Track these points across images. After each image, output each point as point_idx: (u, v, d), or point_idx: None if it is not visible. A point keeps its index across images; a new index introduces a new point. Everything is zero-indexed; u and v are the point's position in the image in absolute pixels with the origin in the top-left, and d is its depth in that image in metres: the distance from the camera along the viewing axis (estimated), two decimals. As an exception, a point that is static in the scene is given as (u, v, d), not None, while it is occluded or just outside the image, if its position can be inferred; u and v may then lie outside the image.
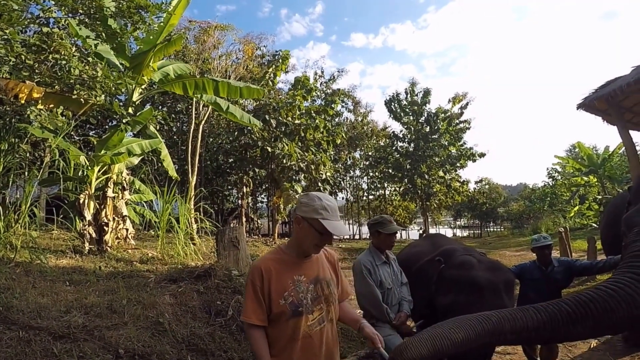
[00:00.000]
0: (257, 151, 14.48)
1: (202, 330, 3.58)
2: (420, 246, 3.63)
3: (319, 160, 15.79)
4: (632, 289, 1.66)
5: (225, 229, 6.23)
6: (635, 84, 6.60)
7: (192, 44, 12.70)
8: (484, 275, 2.67)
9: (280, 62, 14.02)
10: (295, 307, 1.64)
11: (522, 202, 27.53)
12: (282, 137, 14.27)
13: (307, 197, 1.69)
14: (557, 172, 24.05)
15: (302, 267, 1.72)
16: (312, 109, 15.85)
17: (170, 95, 12.73)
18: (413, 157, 21.95)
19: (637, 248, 1.86)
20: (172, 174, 7.33)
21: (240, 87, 6.00)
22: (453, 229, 32.48)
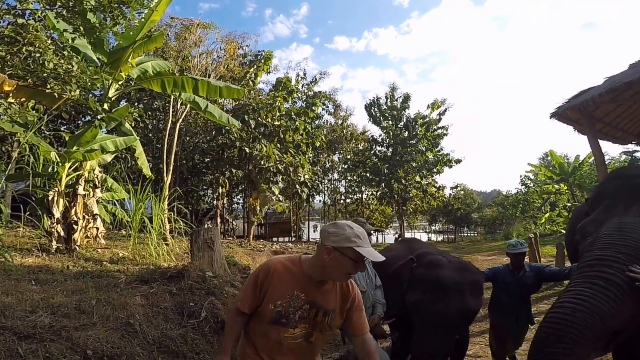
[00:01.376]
0: (234, 151, 14.34)
1: (174, 332, 3.53)
2: (396, 250, 3.71)
3: (298, 162, 15.81)
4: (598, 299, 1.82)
5: (200, 230, 6.17)
6: (606, 95, 6.85)
7: (173, 41, 12.48)
8: (450, 274, 2.75)
9: (262, 63, 13.98)
10: (280, 316, 1.66)
11: (496, 208, 28.50)
12: (261, 138, 14.21)
13: (335, 226, 1.67)
14: (530, 180, 25.02)
15: (308, 286, 1.70)
16: (292, 110, 15.86)
17: (148, 92, 12.45)
18: (391, 162, 22.32)
19: (590, 257, 2.07)
20: (147, 172, 7.18)
21: (220, 87, 5.95)
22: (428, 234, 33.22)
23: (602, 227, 2.22)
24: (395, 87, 23.17)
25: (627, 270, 1.89)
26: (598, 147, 7.94)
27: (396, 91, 22.96)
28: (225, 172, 14.50)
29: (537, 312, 3.97)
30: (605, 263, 1.96)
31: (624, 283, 1.86)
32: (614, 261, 1.94)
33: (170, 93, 6.05)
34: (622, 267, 1.91)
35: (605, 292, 1.84)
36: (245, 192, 20.62)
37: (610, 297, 1.83)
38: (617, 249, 2.00)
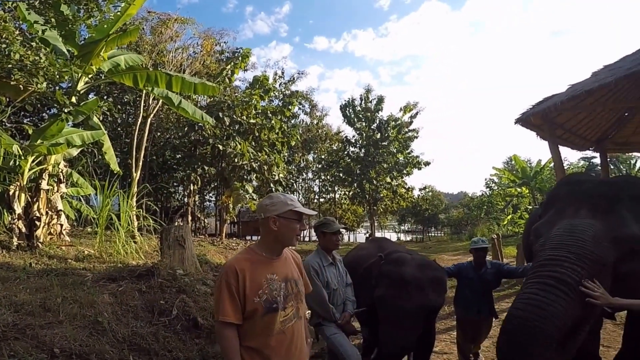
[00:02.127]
0: (207, 148, 14.08)
1: (145, 330, 3.51)
2: (367, 249, 3.79)
3: (273, 161, 15.75)
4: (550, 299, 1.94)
5: (171, 228, 6.09)
6: (568, 102, 7.13)
7: (148, 35, 12.10)
8: (412, 271, 2.87)
9: (239, 60, 13.79)
10: (269, 304, 1.68)
11: (462, 209, 29.53)
12: (235, 136, 14.03)
13: (270, 198, 1.82)
14: (494, 183, 25.97)
15: (274, 266, 1.79)
16: (268, 109, 15.75)
17: (118, 86, 12.01)
18: (363, 163, 22.64)
19: (542, 257, 2.21)
20: (114, 167, 6.97)
21: (195, 83, 5.88)
22: (397, 233, 33.97)
23: (554, 228, 2.36)
24: (370, 89, 23.50)
25: (579, 269, 2.01)
26: (558, 153, 8.37)
27: (371, 93, 23.27)
28: (197, 169, 14.21)
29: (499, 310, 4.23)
30: (556, 263, 2.08)
31: (575, 282, 1.97)
32: (565, 261, 2.07)
33: (142, 88, 5.91)
34: (572, 266, 2.03)
35: (556, 292, 1.96)
36: (217, 189, 20.29)
37: (561, 297, 1.94)
38: (567, 249, 2.13)
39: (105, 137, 6.27)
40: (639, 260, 2.15)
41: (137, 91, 11.23)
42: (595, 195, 2.42)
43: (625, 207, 2.31)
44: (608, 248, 2.14)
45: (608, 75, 6.75)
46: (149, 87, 5.77)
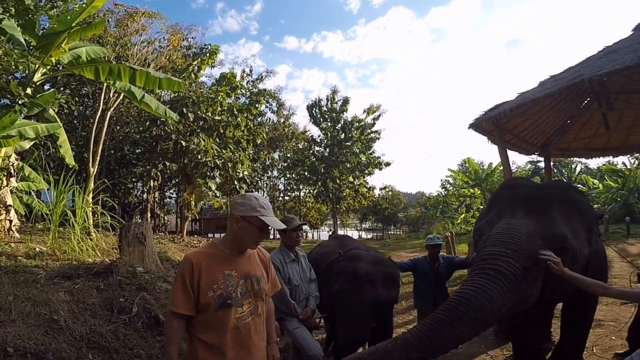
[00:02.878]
0: (169, 144, 13.68)
1: (104, 328, 3.47)
2: (329, 246, 3.91)
3: (237, 158, 15.60)
4: (488, 287, 2.15)
5: (131, 224, 5.95)
6: (516, 109, 7.49)
7: (113, 28, 11.54)
8: (365, 267, 3.02)
9: (207, 56, 13.51)
10: (223, 299, 1.68)
11: (419, 208, 30.70)
12: (199, 132, 13.75)
13: (242, 197, 1.80)
14: (449, 184, 27.33)
15: (234, 262, 1.79)
16: (235, 106, 15.55)
17: (77, 77, 11.36)
18: (327, 162, 22.98)
19: (484, 252, 2.44)
20: (70, 161, 6.67)
21: (160, 78, 5.76)
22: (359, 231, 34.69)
23: (494, 227, 2.59)
24: (336, 91, 23.92)
25: (514, 263, 2.24)
26: (506, 157, 8.94)
27: (337, 94, 23.71)
28: (158, 165, 13.77)
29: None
30: (495, 257, 2.30)
31: (510, 273, 2.20)
32: (502, 255, 2.28)
33: (103, 81, 5.69)
34: (509, 260, 2.25)
35: (495, 281, 2.17)
36: (179, 186, 19.74)
37: (499, 285, 2.16)
38: (504, 246, 2.35)
39: (61, 130, 5.98)
40: (567, 257, 2.42)
41: (97, 84, 10.71)
42: (530, 198, 2.70)
43: (555, 209, 2.60)
44: (540, 245, 2.38)
45: (553, 85, 7.37)
46: (110, 80, 5.57)
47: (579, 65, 7.79)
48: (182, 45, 13.86)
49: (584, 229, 2.65)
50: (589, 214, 2.74)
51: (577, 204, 2.74)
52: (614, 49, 7.54)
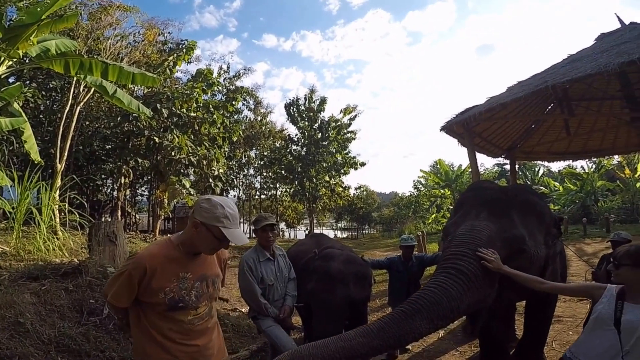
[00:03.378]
0: (142, 140, 13.28)
1: (73, 331, 3.39)
2: (306, 244, 3.96)
3: (212, 156, 15.37)
4: (448, 285, 2.25)
5: (101, 223, 5.79)
6: (485, 113, 7.68)
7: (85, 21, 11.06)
8: (337, 266, 3.07)
9: (183, 52, 13.19)
10: (175, 302, 1.63)
11: (392, 208, 31.29)
12: (173, 129, 13.42)
13: (208, 202, 1.66)
14: (421, 184, 28.02)
15: (190, 264, 1.71)
16: (211, 103, 15.28)
17: (44, 71, 10.82)
18: (304, 161, 23.01)
19: (448, 252, 2.53)
20: (35, 157, 6.38)
21: (133, 73, 5.61)
22: (335, 230, 34.95)
23: (459, 228, 2.68)
24: (314, 90, 23.96)
25: (474, 262, 2.30)
26: (475, 159, 9.26)
27: (315, 94, 23.75)
28: (130, 162, 13.34)
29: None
30: (457, 257, 2.38)
31: (470, 273, 2.28)
32: (464, 255, 2.36)
33: (74, 75, 5.48)
34: (470, 260, 2.32)
35: (455, 279, 2.25)
36: (151, 183, 19.22)
37: (459, 283, 2.23)
38: (467, 246, 2.42)
39: (27, 125, 5.71)
40: (525, 258, 2.56)
41: (66, 78, 10.25)
42: (493, 201, 2.82)
43: (515, 212, 2.72)
44: (499, 247, 2.48)
45: (520, 91, 7.70)
46: (81, 74, 5.36)
47: (544, 72, 8.22)
48: (158, 40, 13.49)
49: (541, 231, 2.78)
50: (547, 217, 2.88)
51: (536, 207, 2.87)
52: (577, 58, 8.01)
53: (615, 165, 19.62)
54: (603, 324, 1.88)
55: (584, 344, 1.98)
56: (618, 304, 1.86)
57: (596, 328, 1.92)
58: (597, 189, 18.94)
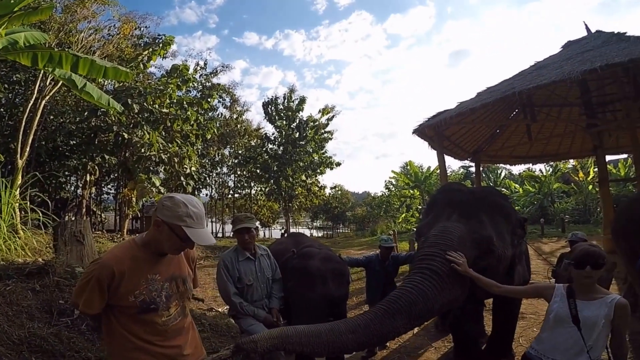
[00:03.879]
0: (110, 136, 12.77)
1: (44, 331, 3.31)
2: (284, 243, 3.98)
3: (185, 153, 15.03)
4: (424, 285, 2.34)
5: (67, 222, 5.62)
6: (455, 117, 8.17)
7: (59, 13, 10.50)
8: (315, 264, 3.13)
9: (160, 47, 12.79)
10: (146, 304, 1.59)
11: (365, 207, 31.79)
12: (144, 125, 13.00)
13: (170, 200, 1.60)
14: (392, 185, 28.67)
15: (157, 265, 1.67)
16: (185, 99, 14.92)
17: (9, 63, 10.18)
18: (281, 160, 22.95)
19: (422, 252, 2.65)
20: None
21: (105, 67, 5.43)
22: (310, 230, 35.03)
23: (432, 229, 2.80)
24: (294, 89, 23.95)
25: (447, 263, 2.41)
26: (443, 161, 9.68)
27: (294, 93, 23.71)
28: (96, 158, 12.79)
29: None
30: (431, 257, 2.50)
31: (443, 273, 2.40)
32: (437, 256, 2.48)
33: (42, 68, 5.23)
34: (443, 260, 2.44)
35: (430, 280, 2.37)
36: (118, 181, 18.50)
37: (433, 284, 2.35)
38: (439, 247, 2.54)
39: (-13, 119, 5.41)
40: (493, 257, 2.73)
41: (31, 70, 9.68)
42: (463, 202, 2.96)
43: (484, 214, 2.87)
44: (469, 247, 2.62)
45: (488, 96, 8.11)
46: (50, 67, 5.13)
47: (512, 79, 8.70)
48: (134, 34, 13.05)
49: (508, 232, 2.94)
50: (512, 218, 3.05)
51: (503, 209, 3.04)
52: (543, 65, 8.53)
53: (570, 169, 20.91)
54: (563, 322, 1.97)
55: (548, 341, 2.04)
56: (570, 302, 1.97)
57: (557, 326, 2.00)
58: (553, 191, 20.14)
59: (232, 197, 29.18)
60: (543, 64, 8.77)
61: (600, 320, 1.88)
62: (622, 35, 7.83)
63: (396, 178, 26.22)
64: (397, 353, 4.04)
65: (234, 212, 29.95)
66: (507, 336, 3.51)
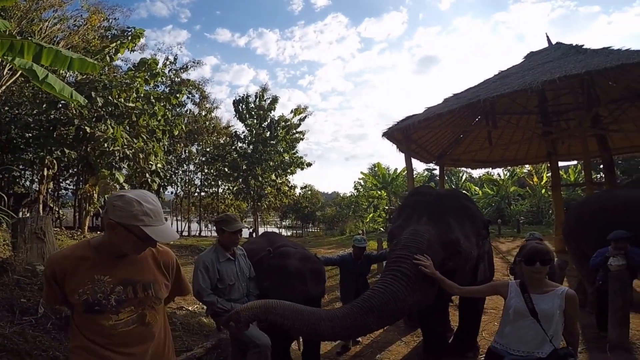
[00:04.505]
0: (70, 130, 12.13)
1: (7, 330, 3.19)
2: (257, 243, 3.94)
3: (150, 149, 14.57)
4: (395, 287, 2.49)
5: (27, 219, 5.39)
6: (423, 122, 8.47)
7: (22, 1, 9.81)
8: (294, 264, 3.17)
9: (128, 40, 12.30)
10: (89, 304, 1.48)
11: (335, 207, 32.16)
12: (108, 119, 12.47)
13: (121, 199, 1.47)
14: (361, 186, 29.18)
15: (110, 267, 1.54)
16: (152, 94, 14.44)
17: None
18: (250, 159, 22.75)
19: (394, 255, 2.78)
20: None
21: (71, 58, 5.19)
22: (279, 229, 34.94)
23: (403, 232, 2.90)
24: (266, 89, 23.79)
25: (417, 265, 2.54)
26: (410, 164, 10.03)
27: (266, 92, 23.60)
28: (55, 152, 12.12)
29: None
30: (401, 260, 2.61)
31: (412, 274, 2.52)
32: (407, 258, 2.59)
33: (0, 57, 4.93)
34: (413, 263, 2.56)
35: (401, 282, 2.49)
36: (78, 176, 17.61)
37: (403, 285, 2.48)
38: (409, 250, 2.66)
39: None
40: (460, 258, 2.91)
41: None
42: (432, 206, 3.11)
43: (452, 217, 3.03)
44: (438, 249, 2.75)
45: (455, 103, 8.48)
46: (9, 56, 4.86)
47: (477, 87, 9.16)
48: (102, 26, 12.49)
49: (474, 233, 3.13)
50: (477, 220, 3.25)
51: (469, 211, 3.23)
52: (506, 74, 9.03)
53: (525, 173, 22.34)
54: (522, 316, 2.08)
55: (511, 335, 2.14)
56: (526, 297, 2.09)
57: (517, 320, 2.10)
58: (510, 194, 21.43)
59: (199, 195, 28.51)
60: (506, 73, 9.26)
61: (556, 311, 2.02)
62: (580, 47, 8.39)
63: (365, 179, 26.75)
64: (370, 348, 4.20)
65: (200, 211, 29.34)
66: (473, 330, 3.75)
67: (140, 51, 16.47)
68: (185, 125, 19.50)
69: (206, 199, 28.71)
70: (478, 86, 9.25)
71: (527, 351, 2.07)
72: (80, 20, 11.74)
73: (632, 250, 3.80)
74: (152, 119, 14.22)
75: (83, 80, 12.08)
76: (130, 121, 13.57)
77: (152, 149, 14.58)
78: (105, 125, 12.51)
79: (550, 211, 17.94)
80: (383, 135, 9.65)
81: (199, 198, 28.83)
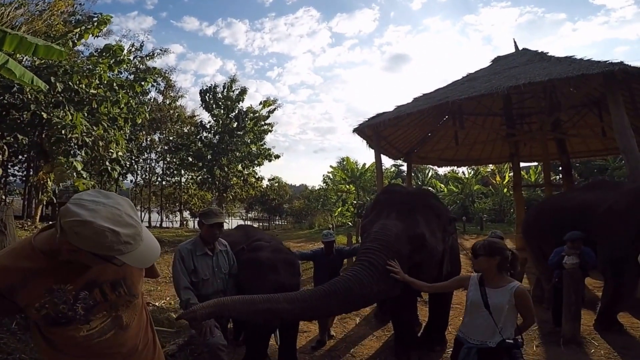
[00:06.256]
0: (26, 115, 11.27)
1: (-35, 332, 3.01)
2: (234, 236, 3.96)
3: (111, 137, 13.87)
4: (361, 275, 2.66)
5: (-16, 210, 4.97)
6: (393, 120, 8.73)
7: None
8: (266, 255, 3.24)
9: (94, 25, 11.48)
10: (51, 319, 1.25)
11: (303, 200, 32.20)
12: (67, 105, 11.69)
13: (87, 228, 1.09)
14: (330, 179, 29.47)
15: (68, 272, 1.27)
16: (116, 81, 13.68)
17: None
18: (216, 149, 22.26)
19: (365, 247, 2.95)
20: None
21: (37, 44, 4.87)
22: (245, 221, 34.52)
23: (374, 226, 3.09)
24: (235, 79, 23.28)
25: (384, 257, 2.71)
26: (380, 160, 10.33)
27: (235, 83, 23.09)
28: (7, 137, 11.22)
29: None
30: (370, 252, 2.79)
31: (380, 265, 2.69)
32: (376, 250, 2.78)
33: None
34: (380, 254, 2.74)
35: (367, 271, 2.66)
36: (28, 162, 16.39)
37: (369, 274, 2.64)
38: (378, 242, 2.84)
39: None
40: (426, 252, 3.10)
41: None
42: (402, 203, 3.31)
43: (419, 213, 3.23)
44: (405, 243, 2.93)
45: (424, 102, 8.80)
46: (-32, 39, 4.46)
47: (445, 88, 9.53)
48: (67, 11, 11.58)
49: (439, 229, 3.35)
50: (443, 217, 3.48)
51: (435, 208, 3.46)
52: (474, 77, 9.43)
53: (489, 172, 23.54)
54: (477, 308, 2.27)
55: (469, 325, 2.37)
56: (482, 290, 2.27)
57: (473, 311, 2.31)
58: (474, 192, 22.53)
59: (160, 184, 27.47)
60: (474, 76, 9.68)
61: (505, 305, 2.19)
62: (545, 55, 8.84)
63: (334, 173, 26.98)
64: (344, 342, 4.35)
65: (162, 201, 28.32)
66: (442, 323, 3.98)
67: (104, 37, 15.53)
68: (148, 113, 18.65)
69: (168, 188, 27.72)
70: (447, 87, 9.62)
71: (481, 340, 2.27)
72: (43, 5, 10.86)
73: (585, 249, 4.08)
74: (115, 107, 13.49)
75: (41, 65, 11.21)
76: (90, 108, 12.79)
77: (113, 137, 13.88)
78: (64, 112, 11.73)
79: (512, 210, 18.75)
80: (354, 131, 9.83)
81: (160, 187, 27.78)
